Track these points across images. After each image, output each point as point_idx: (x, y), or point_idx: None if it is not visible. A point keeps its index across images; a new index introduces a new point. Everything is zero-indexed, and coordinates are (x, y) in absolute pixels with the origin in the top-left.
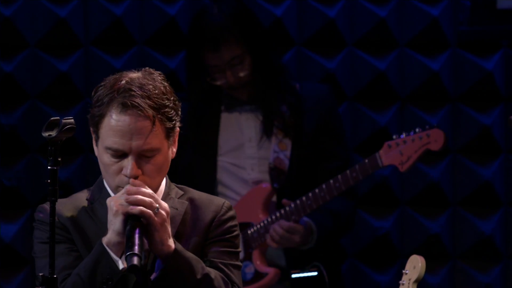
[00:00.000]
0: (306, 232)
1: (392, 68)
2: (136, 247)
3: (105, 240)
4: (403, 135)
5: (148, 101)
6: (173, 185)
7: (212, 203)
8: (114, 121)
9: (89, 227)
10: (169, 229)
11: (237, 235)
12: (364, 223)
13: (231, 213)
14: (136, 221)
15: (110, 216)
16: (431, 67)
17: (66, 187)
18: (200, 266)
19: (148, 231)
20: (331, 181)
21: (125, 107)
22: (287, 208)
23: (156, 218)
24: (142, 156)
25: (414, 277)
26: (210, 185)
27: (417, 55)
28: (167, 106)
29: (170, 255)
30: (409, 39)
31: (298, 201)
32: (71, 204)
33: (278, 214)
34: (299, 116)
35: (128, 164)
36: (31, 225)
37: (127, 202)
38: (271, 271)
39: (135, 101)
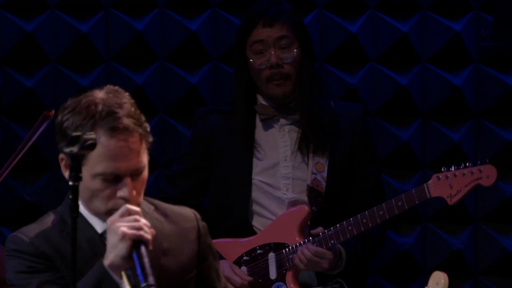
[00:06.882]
0: (335, 258)
1: (414, 83)
2: (151, 278)
3: (106, 262)
4: (452, 168)
5: (131, 119)
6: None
7: (183, 216)
8: (105, 147)
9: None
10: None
11: None
12: (386, 239)
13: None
14: (141, 247)
15: (113, 239)
16: (453, 83)
17: None
18: None
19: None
20: (375, 208)
21: (115, 131)
22: (327, 232)
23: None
24: (133, 175)
25: None
26: (244, 204)
27: (439, 71)
28: (144, 121)
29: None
30: (431, 55)
31: (338, 226)
32: (43, 232)
33: (316, 239)
34: (333, 136)
35: (124, 186)
36: None
37: (136, 227)
38: None
39: (122, 123)
